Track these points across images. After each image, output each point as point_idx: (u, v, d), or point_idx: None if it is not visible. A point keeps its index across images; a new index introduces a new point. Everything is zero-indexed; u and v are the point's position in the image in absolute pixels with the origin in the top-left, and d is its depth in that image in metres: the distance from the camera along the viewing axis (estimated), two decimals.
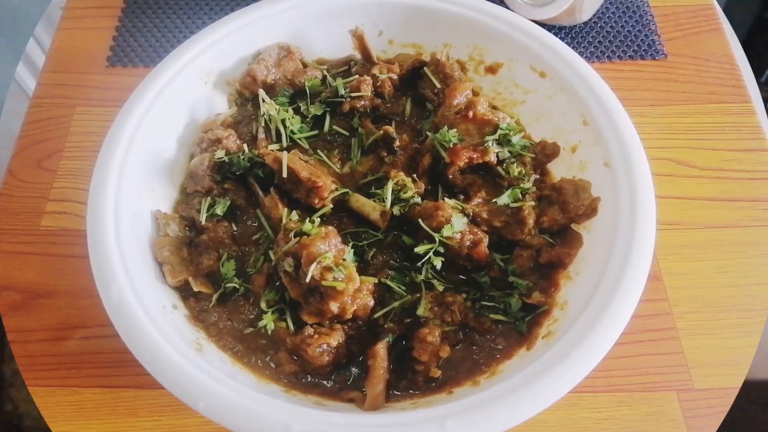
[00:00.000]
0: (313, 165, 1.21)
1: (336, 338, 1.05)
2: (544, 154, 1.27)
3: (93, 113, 1.55)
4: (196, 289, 1.11)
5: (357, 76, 1.35)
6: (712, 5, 1.77)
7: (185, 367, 0.94)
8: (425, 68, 1.38)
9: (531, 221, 1.15)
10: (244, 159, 1.22)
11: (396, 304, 1.11)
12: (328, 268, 1.02)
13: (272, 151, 1.18)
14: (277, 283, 1.09)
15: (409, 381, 1.07)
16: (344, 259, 1.06)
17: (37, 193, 1.44)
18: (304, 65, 1.40)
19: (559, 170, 1.28)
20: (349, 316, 1.06)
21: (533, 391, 0.92)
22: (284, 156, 1.14)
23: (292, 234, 1.08)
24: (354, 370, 1.10)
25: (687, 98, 1.59)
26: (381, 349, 1.05)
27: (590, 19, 1.69)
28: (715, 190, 1.45)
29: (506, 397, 0.92)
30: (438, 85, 1.35)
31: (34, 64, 3.05)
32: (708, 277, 1.34)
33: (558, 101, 1.30)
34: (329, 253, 1.03)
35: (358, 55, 1.44)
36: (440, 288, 1.13)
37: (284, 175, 1.14)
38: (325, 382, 1.08)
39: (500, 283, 1.15)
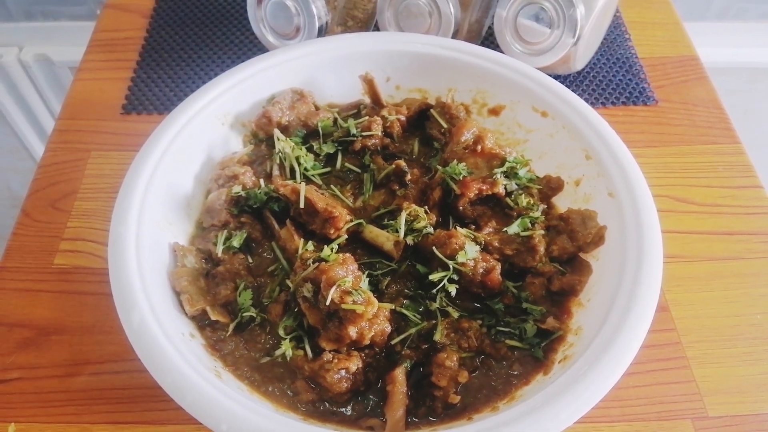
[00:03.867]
0: (327, 198, 1.25)
1: (355, 363, 1.05)
2: (549, 187, 1.32)
3: (108, 157, 1.60)
4: (213, 317, 1.12)
5: (367, 117, 1.41)
6: (697, 56, 1.88)
7: (206, 389, 0.94)
8: (431, 110, 1.44)
9: (542, 248, 1.18)
10: (260, 193, 1.26)
11: (413, 330, 1.12)
12: (348, 292, 1.03)
13: (289, 183, 1.21)
14: (296, 310, 1.11)
15: (428, 408, 1.06)
16: (360, 287, 1.08)
17: (51, 233, 1.45)
18: (317, 108, 1.46)
19: (564, 204, 1.33)
20: (366, 341, 1.06)
21: (553, 410, 0.92)
22: (302, 187, 1.18)
23: (310, 261, 1.10)
24: (372, 398, 1.09)
25: (679, 140, 1.67)
26: (399, 374, 1.05)
27: (584, 69, 1.79)
28: (714, 225, 1.50)
29: (525, 418, 0.92)
30: (444, 125, 1.41)
31: (41, 126, 3.13)
32: (713, 308, 1.37)
33: (560, 138, 1.36)
34: (348, 277, 1.05)
35: (367, 100, 1.51)
36: (455, 315, 1.15)
37: (302, 205, 1.17)
38: (343, 410, 1.07)
39: (514, 311, 1.17)
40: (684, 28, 1.97)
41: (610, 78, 1.79)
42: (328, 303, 1.02)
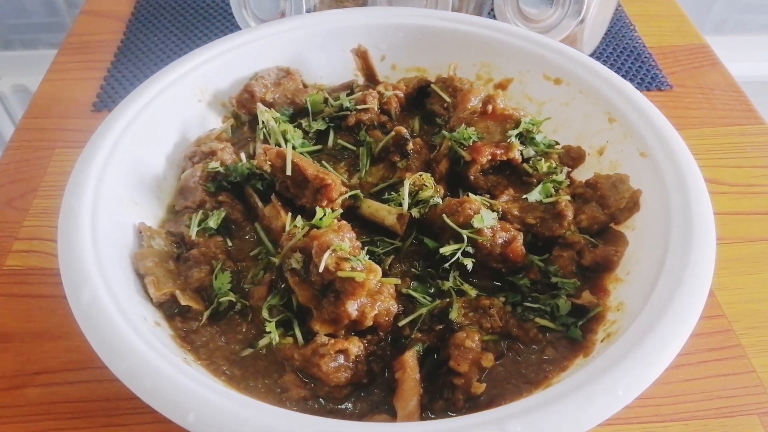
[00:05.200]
0: (319, 166, 1.09)
1: (355, 345, 0.86)
2: (569, 158, 1.17)
3: (73, 154, 1.41)
4: (183, 303, 0.93)
5: (362, 92, 1.27)
6: (707, 44, 1.78)
7: (169, 373, 0.74)
8: (432, 85, 1.31)
9: (570, 213, 1.01)
10: (242, 166, 1.10)
11: (424, 310, 0.94)
12: (345, 258, 0.86)
13: (273, 147, 1.05)
14: (282, 286, 0.92)
15: (447, 401, 0.87)
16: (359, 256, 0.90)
17: (4, 232, 1.28)
18: (305, 86, 1.32)
19: (586, 178, 1.17)
20: (369, 322, 0.88)
21: (608, 382, 0.74)
22: (288, 150, 1.02)
23: (299, 232, 0.93)
24: (378, 393, 0.90)
25: (700, 123, 1.54)
26: (410, 357, 0.86)
27: (591, 56, 1.67)
28: (749, 205, 1.34)
29: (575, 394, 0.73)
30: (447, 99, 1.27)
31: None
32: (763, 291, 1.19)
33: (577, 106, 1.22)
34: (345, 242, 0.88)
35: (360, 80, 1.37)
36: (473, 293, 0.97)
37: (288, 171, 1.01)
38: (342, 408, 0.87)
39: (542, 287, 0.99)
40: (690, 20, 1.88)
41: (620, 65, 1.68)
42: (321, 270, 0.84)
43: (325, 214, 0.91)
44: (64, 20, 2.62)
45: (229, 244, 1.07)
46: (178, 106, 1.19)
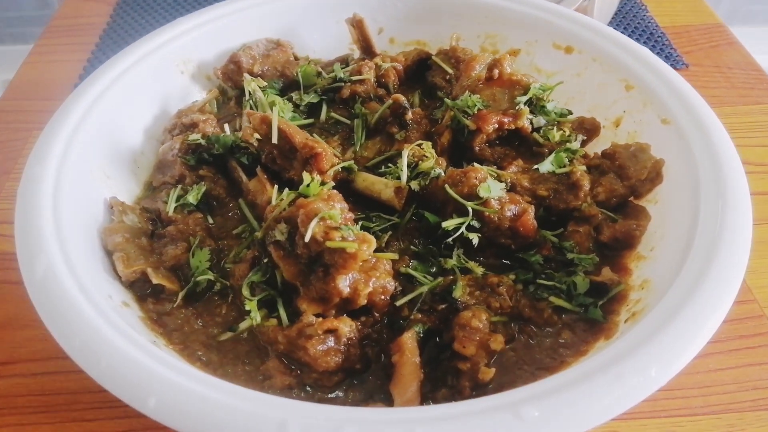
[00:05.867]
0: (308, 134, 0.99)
1: (347, 326, 0.76)
2: (583, 130, 1.07)
3: None
4: (156, 281, 0.83)
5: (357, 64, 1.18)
6: (722, 24, 1.69)
7: (130, 353, 0.64)
8: (433, 57, 1.21)
9: (586, 183, 0.92)
10: (225, 136, 1.00)
11: (424, 288, 0.84)
12: (335, 228, 0.76)
13: (257, 112, 0.95)
14: (265, 261, 0.82)
15: (451, 389, 0.76)
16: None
17: None
18: (296, 59, 1.23)
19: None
20: (362, 301, 0.78)
21: (642, 361, 0.63)
22: (274, 115, 0.92)
23: (284, 204, 0.83)
24: (372, 380, 0.79)
25: (719, 101, 1.44)
26: (409, 339, 0.76)
27: None
28: None
29: (601, 375, 0.63)
30: (450, 71, 1.17)
31: None
32: None
33: (590, 75, 1.12)
34: (334, 211, 0.78)
35: (356, 54, 1.28)
36: (479, 271, 0.87)
37: (274, 139, 0.91)
38: (333, 397, 0.77)
39: (556, 265, 0.89)
40: (705, 0, 1.79)
41: None
42: (307, 239, 0.74)
43: (313, 180, 0.81)
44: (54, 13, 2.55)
45: (210, 221, 0.97)
46: (159, 76, 1.10)
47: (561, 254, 0.89)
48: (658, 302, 0.73)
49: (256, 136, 0.95)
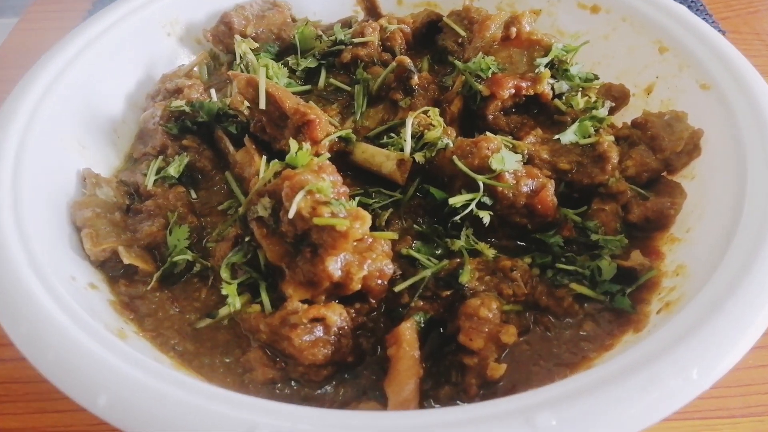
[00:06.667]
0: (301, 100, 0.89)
1: (336, 314, 0.67)
2: (611, 98, 0.95)
3: None
4: (127, 261, 0.75)
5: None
6: None
7: (83, 343, 0.56)
8: (445, 18, 1.10)
9: (615, 155, 0.81)
10: (211, 102, 0.91)
11: (427, 272, 0.74)
12: (324, 202, 0.66)
13: (243, 74, 0.85)
14: (247, 240, 0.73)
15: (455, 387, 0.67)
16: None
17: None
18: (294, 20, 1.13)
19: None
20: (356, 286, 0.68)
21: (680, 361, 0.53)
22: (261, 77, 0.82)
23: (269, 173, 0.73)
24: (367, 375, 0.70)
25: (760, 71, 1.31)
26: (407, 329, 0.67)
27: None
28: None
29: (632, 376, 0.53)
30: (462, 33, 1.06)
31: None
32: None
33: (619, 37, 1.01)
34: (325, 183, 0.68)
35: (360, 17, 1.18)
36: (490, 254, 0.76)
37: (262, 104, 0.82)
38: (321, 393, 0.68)
39: (578, 247, 0.79)
40: None
41: None
42: (291, 215, 0.65)
43: (301, 149, 0.71)
44: None
45: (194, 196, 0.88)
46: (143, 39, 1.01)
47: (584, 235, 0.79)
48: (698, 292, 0.63)
49: (247, 103, 0.86)
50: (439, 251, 0.79)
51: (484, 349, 0.66)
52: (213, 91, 0.95)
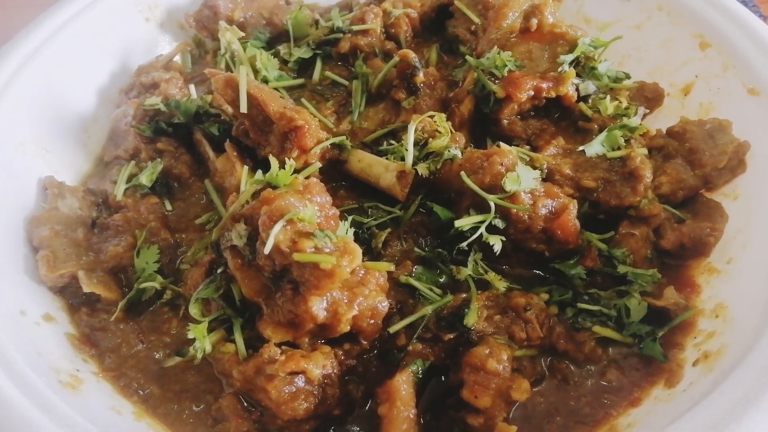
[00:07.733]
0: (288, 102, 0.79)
1: (319, 364, 0.57)
2: (642, 99, 0.84)
3: None
4: (87, 289, 0.66)
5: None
6: None
7: (16, 404, 0.47)
8: (456, 2, 0.98)
9: (648, 174, 0.70)
10: (189, 101, 0.81)
11: (428, 309, 0.64)
12: (306, 234, 0.56)
13: (222, 72, 0.75)
14: (219, 271, 0.64)
15: None
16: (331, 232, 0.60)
17: None
18: (287, 3, 1.02)
19: (667, 126, 0.84)
20: (344, 328, 0.59)
21: None
22: (242, 76, 0.71)
23: (246, 194, 0.63)
24: (355, 430, 0.61)
25: None
26: (401, 383, 0.57)
27: None
28: None
29: None
30: (476, 20, 0.94)
31: None
32: None
33: (654, 27, 0.90)
34: (308, 210, 0.58)
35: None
36: (501, 286, 0.67)
37: (243, 107, 0.71)
38: None
39: (603, 280, 0.69)
40: None
41: None
42: (267, 251, 0.55)
43: (283, 167, 0.61)
44: None
45: (168, 208, 0.79)
46: (117, 24, 0.91)
47: (610, 265, 0.69)
48: (746, 349, 0.53)
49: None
50: (443, 279, 0.70)
51: (491, 408, 0.57)
52: (192, 87, 0.85)
